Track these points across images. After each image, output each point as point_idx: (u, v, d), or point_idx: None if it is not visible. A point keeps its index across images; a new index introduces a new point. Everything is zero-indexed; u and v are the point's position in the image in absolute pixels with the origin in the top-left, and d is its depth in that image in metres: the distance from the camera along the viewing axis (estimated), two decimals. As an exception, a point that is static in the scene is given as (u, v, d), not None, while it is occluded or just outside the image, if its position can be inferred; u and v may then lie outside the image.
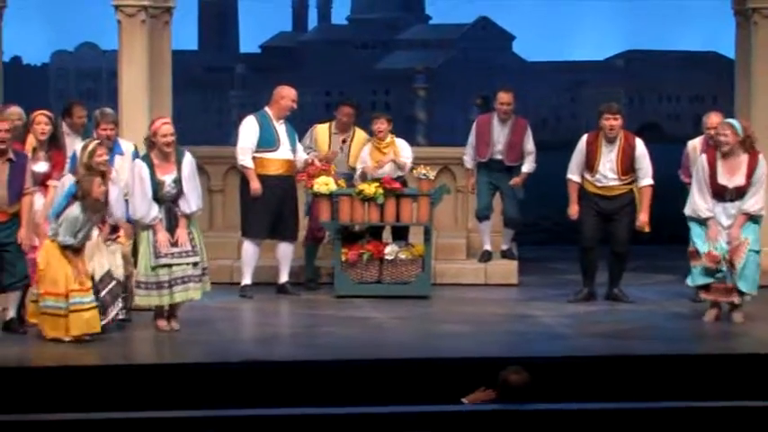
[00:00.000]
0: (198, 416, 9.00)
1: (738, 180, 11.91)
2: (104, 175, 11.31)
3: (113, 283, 11.42)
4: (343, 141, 13.99)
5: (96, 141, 11.48)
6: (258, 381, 10.16)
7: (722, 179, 11.93)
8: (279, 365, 10.73)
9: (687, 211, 12.11)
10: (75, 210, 11.04)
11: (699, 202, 11.99)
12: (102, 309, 11.33)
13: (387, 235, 13.86)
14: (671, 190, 13.23)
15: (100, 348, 11.14)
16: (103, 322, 11.33)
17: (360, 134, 14.13)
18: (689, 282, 12.29)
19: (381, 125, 13.80)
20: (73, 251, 11.12)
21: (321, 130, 14.04)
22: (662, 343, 11.48)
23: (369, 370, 10.38)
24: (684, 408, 9.47)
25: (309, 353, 11.22)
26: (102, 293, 11.36)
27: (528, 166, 14.29)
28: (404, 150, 13.83)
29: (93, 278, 11.28)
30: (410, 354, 10.97)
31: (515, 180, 14.26)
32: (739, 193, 11.91)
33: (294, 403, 9.60)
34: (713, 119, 12.84)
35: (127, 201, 11.70)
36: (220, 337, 11.85)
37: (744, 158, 11.98)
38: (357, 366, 10.49)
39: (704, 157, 12.12)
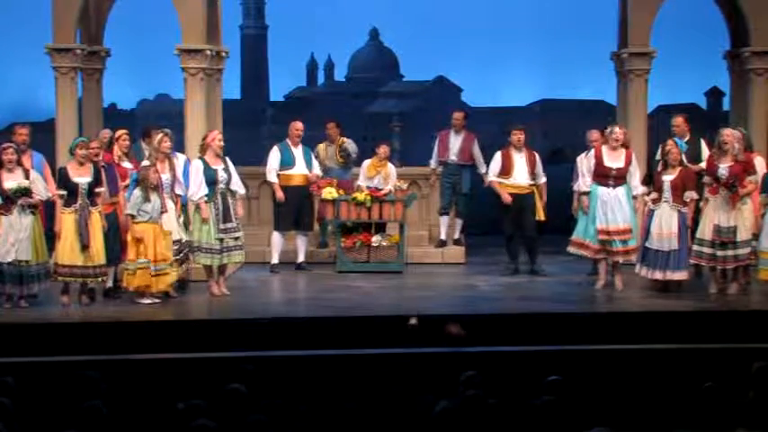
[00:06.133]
0: (241, 356, 8.95)
1: (619, 164, 12.00)
2: (170, 160, 11.42)
3: (188, 247, 11.53)
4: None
5: (164, 131, 11.51)
6: (283, 331, 10.11)
7: (608, 162, 12.01)
8: (298, 320, 10.68)
9: (576, 187, 12.37)
10: (136, 191, 11.07)
11: (585, 180, 12.11)
12: (181, 261, 11.41)
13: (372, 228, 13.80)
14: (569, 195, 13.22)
15: (171, 308, 11.10)
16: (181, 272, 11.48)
17: (342, 139, 14.14)
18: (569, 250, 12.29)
19: (384, 150, 13.88)
20: (153, 229, 11.02)
21: (320, 147, 14.08)
22: (567, 304, 11.42)
23: (360, 323, 10.34)
24: (583, 350, 9.47)
25: (319, 311, 11.14)
26: (184, 251, 11.44)
27: (482, 168, 14.06)
28: (392, 175, 13.79)
29: (180, 240, 11.35)
30: (389, 311, 10.92)
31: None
32: (619, 175, 11.97)
33: (309, 347, 9.57)
34: (594, 135, 12.93)
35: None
36: (256, 300, 11.78)
37: (622, 151, 12.09)
38: (352, 321, 10.45)
39: (593, 150, 12.25)
